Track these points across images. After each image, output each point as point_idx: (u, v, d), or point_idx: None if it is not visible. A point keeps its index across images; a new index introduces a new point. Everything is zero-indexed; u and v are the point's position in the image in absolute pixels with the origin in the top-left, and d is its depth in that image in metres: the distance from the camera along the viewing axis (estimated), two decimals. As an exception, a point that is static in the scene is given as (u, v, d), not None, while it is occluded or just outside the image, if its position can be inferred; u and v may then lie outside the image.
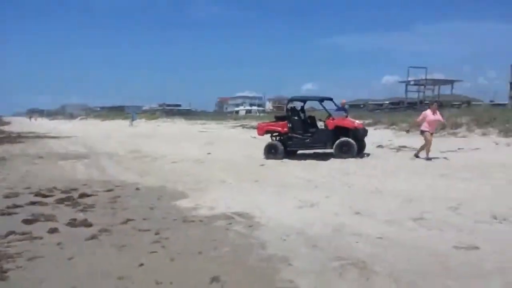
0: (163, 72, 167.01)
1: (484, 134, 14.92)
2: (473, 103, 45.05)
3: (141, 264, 4.24)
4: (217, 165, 11.52)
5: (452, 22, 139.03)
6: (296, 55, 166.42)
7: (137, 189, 8.36)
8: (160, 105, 74.36)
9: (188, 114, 56.07)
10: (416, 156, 11.53)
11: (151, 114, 55.78)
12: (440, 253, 4.37)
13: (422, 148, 11.41)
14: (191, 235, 5.23)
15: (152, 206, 6.85)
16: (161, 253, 4.58)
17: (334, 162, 11.32)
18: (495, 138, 14.07)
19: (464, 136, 15.12)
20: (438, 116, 11.50)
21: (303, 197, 7.05)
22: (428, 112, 11.42)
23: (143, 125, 39.66)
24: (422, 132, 11.37)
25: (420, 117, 11.56)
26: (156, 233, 5.26)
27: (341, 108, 15.02)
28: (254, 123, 21.32)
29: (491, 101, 48.59)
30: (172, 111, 60.85)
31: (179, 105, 75.27)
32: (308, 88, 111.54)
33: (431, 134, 11.28)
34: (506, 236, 4.86)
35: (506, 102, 39.73)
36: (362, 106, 57.33)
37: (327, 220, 5.67)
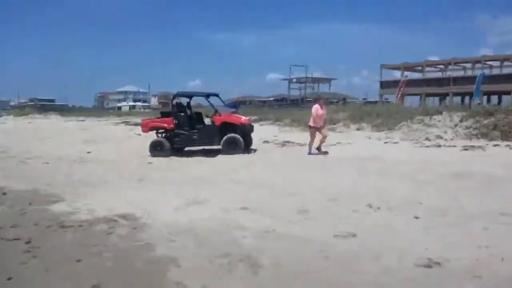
0: (33, 65, 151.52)
1: (358, 129, 16.17)
2: (349, 100, 48.92)
3: (9, 278, 3.79)
4: (98, 165, 10.84)
5: (329, 23, 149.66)
6: (183, 50, 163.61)
7: (4, 194, 7.45)
8: (30, 100, 67.90)
9: (64, 110, 51.90)
10: (319, 150, 11.61)
11: (21, 109, 50.65)
12: (323, 242, 4.58)
13: (321, 142, 11.66)
14: (68, 242, 4.80)
15: (22, 212, 6.16)
16: (34, 264, 4.13)
17: (222, 158, 11.35)
18: (368, 133, 15.34)
19: (341, 132, 16.21)
20: (324, 111, 11.98)
21: (191, 194, 6.94)
22: (318, 106, 11.76)
23: (11, 122, 35.85)
24: (310, 127, 11.80)
25: (314, 112, 11.67)
26: (27, 242, 4.73)
27: (232, 105, 15.15)
28: (139, 119, 20.48)
29: (364, 99, 53.03)
30: (44, 106, 55.71)
31: (53, 100, 69.31)
32: (195, 84, 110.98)
33: (322, 128, 11.77)
34: (380, 223, 5.27)
35: (377, 100, 43.76)
36: (248, 102, 58.79)
37: (216, 217, 5.64)
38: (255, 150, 12.74)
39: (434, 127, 14.29)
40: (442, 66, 46.40)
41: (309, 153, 11.53)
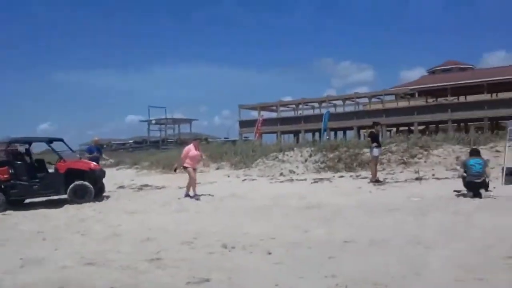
0: None
1: (218, 168, 16.31)
2: (211, 140, 49.86)
3: None
4: None
5: (188, 65, 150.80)
6: (29, 92, 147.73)
7: None
8: None
9: None
10: (188, 195, 11.13)
11: None
12: (175, 292, 4.26)
13: (189, 185, 11.26)
14: None
15: None
16: None
17: (68, 209, 10.27)
18: (227, 171, 15.56)
19: (202, 171, 16.12)
20: (199, 152, 11.56)
21: (27, 253, 6.06)
22: (191, 147, 11.42)
23: None
24: (185, 168, 11.37)
25: (184, 153, 11.33)
26: None
27: (94, 148, 14.00)
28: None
29: (225, 138, 54.62)
30: None
31: None
32: (44, 128, 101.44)
33: (194, 169, 11.38)
34: (234, 263, 5.13)
35: (238, 138, 45.39)
36: (105, 146, 55.94)
37: (53, 277, 4.91)
38: (108, 197, 11.89)
39: (287, 162, 15.12)
40: (294, 106, 50.36)
41: (194, 195, 10.97)
